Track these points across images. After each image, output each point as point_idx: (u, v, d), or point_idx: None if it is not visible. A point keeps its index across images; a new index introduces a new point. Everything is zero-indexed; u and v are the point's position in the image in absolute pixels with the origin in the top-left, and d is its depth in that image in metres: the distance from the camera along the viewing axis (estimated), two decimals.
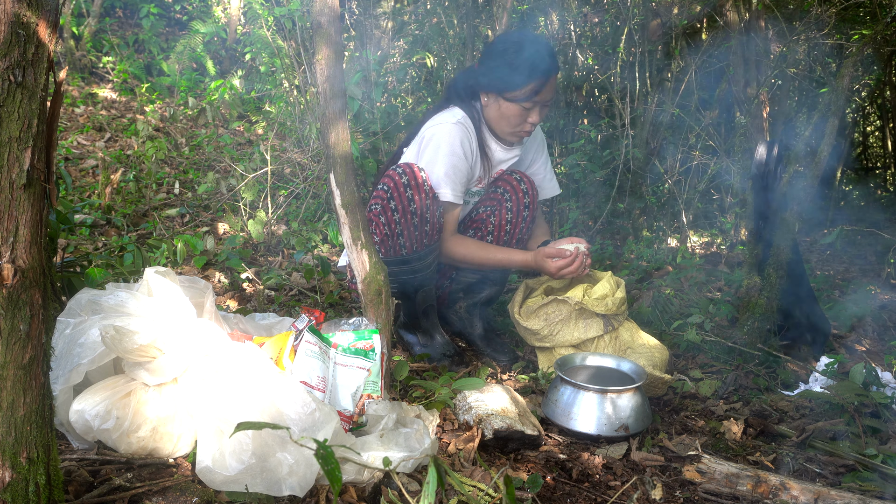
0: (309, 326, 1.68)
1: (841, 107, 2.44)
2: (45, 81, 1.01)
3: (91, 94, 5.65)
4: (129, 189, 3.89)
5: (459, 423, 1.78)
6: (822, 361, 2.29)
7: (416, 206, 2.16)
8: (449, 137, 2.19)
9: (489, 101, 2.27)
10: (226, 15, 6.84)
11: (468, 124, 2.25)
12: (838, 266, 4.18)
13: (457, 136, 2.19)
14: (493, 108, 2.27)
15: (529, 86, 2.17)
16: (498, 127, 2.29)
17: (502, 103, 2.23)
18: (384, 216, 2.18)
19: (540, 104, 2.23)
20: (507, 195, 2.39)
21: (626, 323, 2.31)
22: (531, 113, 2.23)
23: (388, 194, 2.17)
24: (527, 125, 2.26)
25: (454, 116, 2.24)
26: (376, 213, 2.20)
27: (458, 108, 2.28)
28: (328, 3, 1.77)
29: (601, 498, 1.56)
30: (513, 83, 2.18)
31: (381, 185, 2.21)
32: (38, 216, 1.01)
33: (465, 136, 2.22)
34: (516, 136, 2.30)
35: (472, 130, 2.26)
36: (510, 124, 2.26)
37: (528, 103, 2.20)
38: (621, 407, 1.84)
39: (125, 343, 1.37)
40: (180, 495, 1.26)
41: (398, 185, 2.16)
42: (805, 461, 1.77)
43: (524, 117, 2.24)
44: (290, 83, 4.42)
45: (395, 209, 2.17)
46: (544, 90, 2.20)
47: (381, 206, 2.18)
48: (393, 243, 2.21)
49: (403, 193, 2.15)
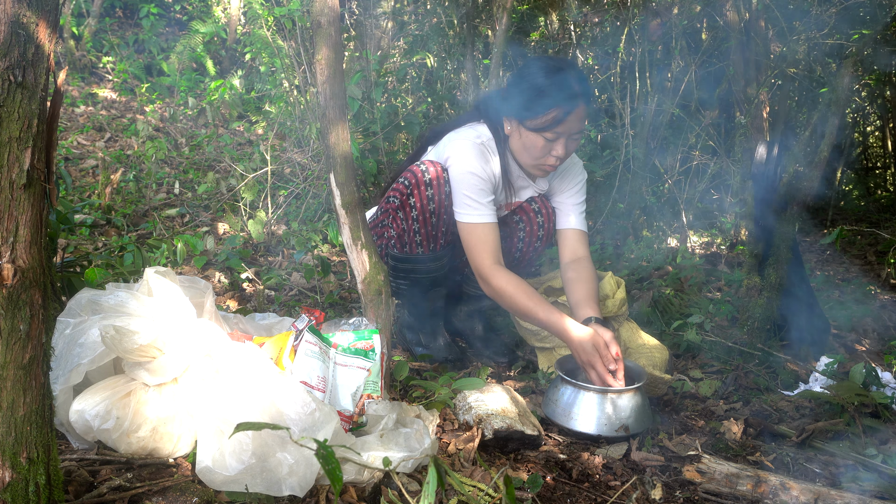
0: (309, 326, 1.68)
1: (841, 107, 2.44)
2: (45, 81, 1.01)
3: (91, 94, 5.65)
4: (129, 189, 3.89)
5: (459, 423, 1.78)
6: (822, 361, 2.29)
7: (434, 205, 2.10)
8: (466, 157, 2.05)
9: (511, 128, 2.09)
10: (226, 15, 6.84)
11: (491, 146, 2.11)
12: (838, 266, 4.18)
13: (474, 156, 2.05)
14: (515, 137, 2.09)
15: (551, 114, 1.96)
16: (521, 158, 2.11)
17: (523, 132, 2.04)
18: (402, 211, 2.14)
19: (566, 136, 2.00)
20: (522, 223, 2.28)
21: (627, 323, 2.31)
22: (555, 145, 2.01)
23: (408, 189, 2.11)
24: (550, 158, 2.04)
25: (479, 136, 2.10)
26: (394, 206, 2.16)
27: (486, 126, 2.14)
28: (328, 3, 1.77)
29: (601, 498, 1.56)
30: (533, 110, 1.98)
31: (402, 180, 2.14)
32: (38, 216, 1.01)
33: (483, 157, 2.07)
34: (539, 169, 2.11)
35: (494, 154, 2.11)
36: (531, 156, 2.06)
37: (550, 134, 1.99)
38: (621, 407, 1.84)
39: (125, 343, 1.37)
40: (180, 495, 1.26)
41: (420, 183, 2.09)
42: (805, 461, 1.77)
43: (547, 149, 2.02)
44: (290, 83, 4.42)
45: (413, 206, 2.11)
46: (568, 120, 1.96)
47: (399, 201, 2.14)
48: (409, 240, 2.17)
49: (424, 192, 2.09)
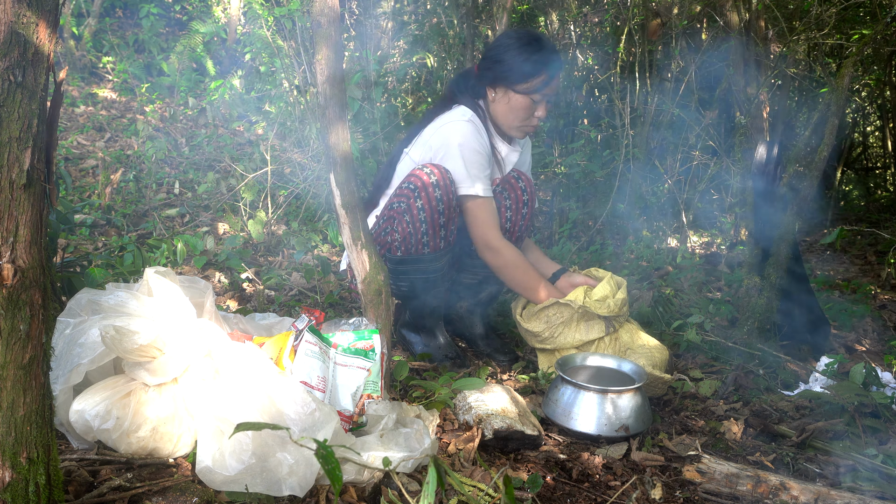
0: (309, 326, 1.68)
1: (841, 107, 2.44)
2: (45, 81, 1.01)
3: (91, 94, 5.65)
4: (129, 189, 3.89)
5: (459, 423, 1.78)
6: (822, 361, 2.29)
7: (443, 206, 2.15)
8: (465, 134, 2.20)
9: (497, 95, 2.28)
10: (226, 15, 6.84)
11: (478, 122, 2.26)
12: (838, 266, 4.18)
13: (472, 132, 2.21)
14: (501, 103, 2.28)
15: (541, 76, 2.21)
16: (506, 121, 2.30)
17: (512, 96, 2.24)
18: (409, 214, 2.17)
19: (547, 98, 2.27)
20: (506, 193, 2.38)
21: (627, 324, 2.31)
22: (539, 107, 2.27)
23: (414, 193, 2.15)
24: (534, 119, 2.29)
25: (464, 115, 2.24)
26: (400, 210, 2.18)
27: (464, 106, 2.28)
28: (328, 3, 1.77)
29: (601, 498, 1.56)
30: (525, 73, 2.20)
31: (406, 184, 2.18)
32: (38, 216, 1.01)
33: (479, 133, 2.23)
34: (522, 130, 2.33)
35: (482, 129, 2.27)
36: (518, 118, 2.28)
37: (537, 95, 2.23)
38: (622, 407, 1.84)
39: (125, 343, 1.37)
40: (180, 495, 1.26)
41: (426, 185, 2.14)
42: (805, 461, 1.77)
43: (532, 110, 2.27)
44: (290, 83, 4.42)
45: (421, 208, 2.15)
46: (553, 83, 2.24)
47: (406, 205, 2.17)
48: (416, 242, 2.19)
49: (432, 193, 2.14)
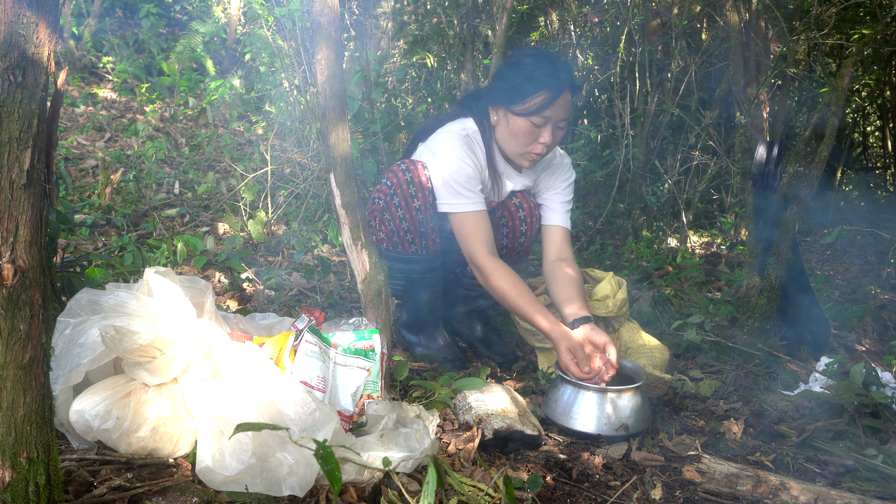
0: (309, 326, 1.68)
1: (841, 107, 2.44)
2: (45, 81, 1.01)
3: (91, 94, 5.65)
4: (129, 189, 3.89)
5: (459, 423, 1.78)
6: (822, 361, 2.29)
7: (419, 202, 2.11)
8: (453, 147, 2.08)
9: (498, 117, 2.11)
10: (226, 15, 6.84)
11: (477, 139, 2.13)
12: (838, 266, 4.18)
13: (460, 146, 2.07)
14: (502, 125, 2.10)
15: (539, 97, 1.98)
16: (507, 146, 2.11)
17: (510, 118, 2.05)
18: (388, 212, 2.16)
19: (552, 122, 2.02)
20: (504, 220, 2.28)
21: (627, 323, 2.31)
22: (542, 132, 2.02)
23: (391, 190, 2.14)
24: (537, 146, 2.05)
25: (464, 129, 2.13)
26: (379, 208, 2.18)
27: (472, 120, 2.16)
28: (328, 3, 1.77)
29: (601, 498, 1.56)
30: (521, 93, 2.00)
31: (384, 180, 2.18)
32: (38, 216, 1.01)
33: (470, 148, 2.09)
34: (526, 158, 2.11)
35: (480, 146, 2.13)
36: (519, 143, 2.07)
37: (537, 118, 2.00)
38: (621, 407, 1.84)
39: (125, 343, 1.37)
40: (180, 495, 1.26)
41: (401, 182, 2.12)
42: (805, 461, 1.77)
43: (534, 136, 2.04)
44: (290, 83, 4.42)
45: (398, 205, 2.13)
46: (555, 105, 1.99)
47: (384, 202, 2.16)
48: (401, 239, 2.18)
49: (407, 190, 2.11)
